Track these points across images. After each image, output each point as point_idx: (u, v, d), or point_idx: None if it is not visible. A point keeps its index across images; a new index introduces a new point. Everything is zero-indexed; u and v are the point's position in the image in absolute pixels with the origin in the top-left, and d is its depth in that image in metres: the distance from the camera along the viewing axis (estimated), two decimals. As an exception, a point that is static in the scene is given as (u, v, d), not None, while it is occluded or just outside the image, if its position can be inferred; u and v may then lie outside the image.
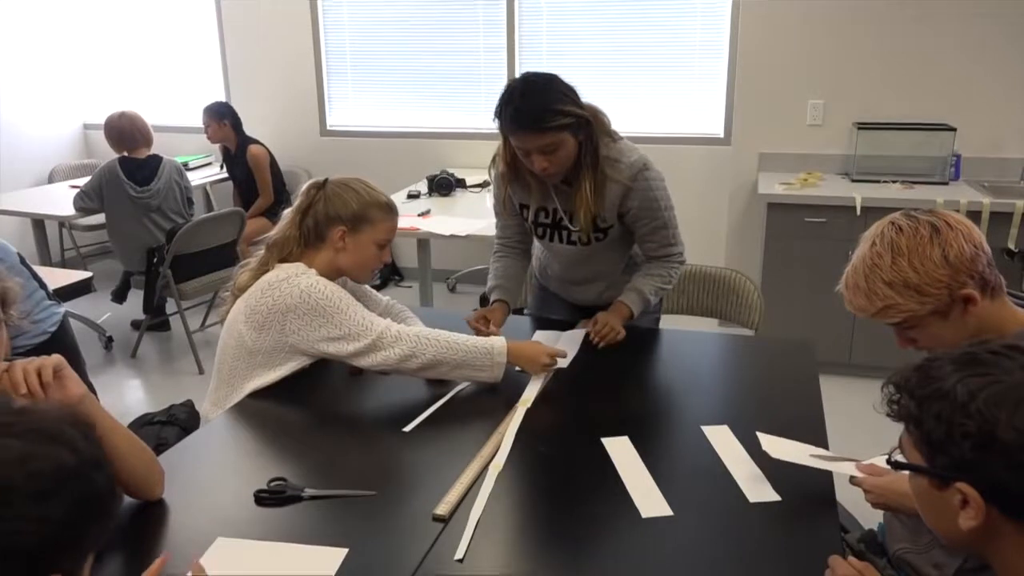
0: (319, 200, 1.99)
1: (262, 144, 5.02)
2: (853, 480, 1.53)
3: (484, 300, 2.41)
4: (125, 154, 4.25)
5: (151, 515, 1.48)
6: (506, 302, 2.33)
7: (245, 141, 4.98)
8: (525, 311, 2.65)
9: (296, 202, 2.03)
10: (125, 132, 4.24)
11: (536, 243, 2.43)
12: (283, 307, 1.88)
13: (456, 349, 1.91)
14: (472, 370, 1.94)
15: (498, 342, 1.96)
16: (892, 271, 1.42)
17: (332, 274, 1.99)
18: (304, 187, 2.05)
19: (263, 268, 1.99)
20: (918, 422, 1.00)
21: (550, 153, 2.01)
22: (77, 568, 0.91)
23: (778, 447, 1.61)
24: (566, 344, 2.17)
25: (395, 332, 1.90)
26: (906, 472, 1.46)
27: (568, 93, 2.02)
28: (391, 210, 2.04)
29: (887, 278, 1.42)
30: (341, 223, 1.97)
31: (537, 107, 1.97)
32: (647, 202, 2.17)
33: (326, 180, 2.02)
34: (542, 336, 2.22)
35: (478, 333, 2.13)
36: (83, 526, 0.89)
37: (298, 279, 1.90)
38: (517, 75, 2.14)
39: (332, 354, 1.91)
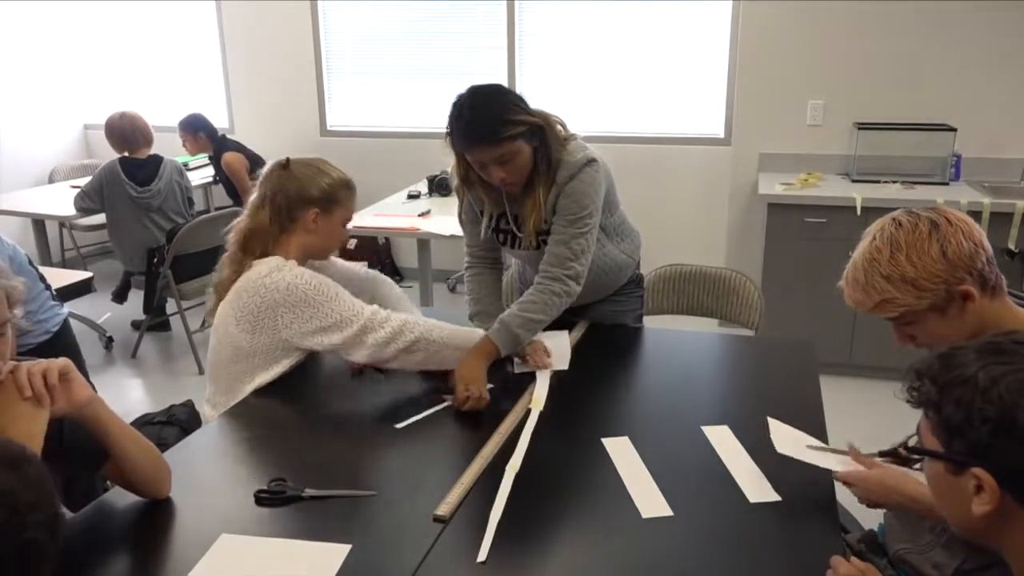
0: (287, 180, 1.99)
1: (238, 151, 4.92)
2: (835, 475, 1.52)
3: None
4: (126, 154, 4.25)
5: (152, 515, 1.48)
6: None
7: (220, 149, 4.91)
8: None
9: (260, 188, 2.02)
10: (126, 132, 4.24)
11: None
12: (272, 303, 1.90)
13: (443, 327, 1.98)
14: (464, 351, 1.97)
15: (480, 330, 2.05)
16: (890, 265, 1.42)
17: (304, 258, 2.02)
18: (266, 171, 2.03)
19: (240, 266, 1.98)
20: (938, 407, 1.01)
21: (507, 163, 2.00)
22: None
23: (784, 436, 1.61)
24: (556, 345, 2.16)
25: (384, 314, 1.94)
26: (896, 467, 1.47)
27: (517, 102, 2.01)
28: (353, 188, 2.10)
29: (885, 272, 1.43)
30: (313, 205, 1.99)
31: (488, 119, 1.96)
32: (574, 195, 2.07)
33: (288, 160, 2.03)
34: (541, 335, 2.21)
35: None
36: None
37: (281, 273, 1.92)
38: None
39: (325, 345, 1.93)
